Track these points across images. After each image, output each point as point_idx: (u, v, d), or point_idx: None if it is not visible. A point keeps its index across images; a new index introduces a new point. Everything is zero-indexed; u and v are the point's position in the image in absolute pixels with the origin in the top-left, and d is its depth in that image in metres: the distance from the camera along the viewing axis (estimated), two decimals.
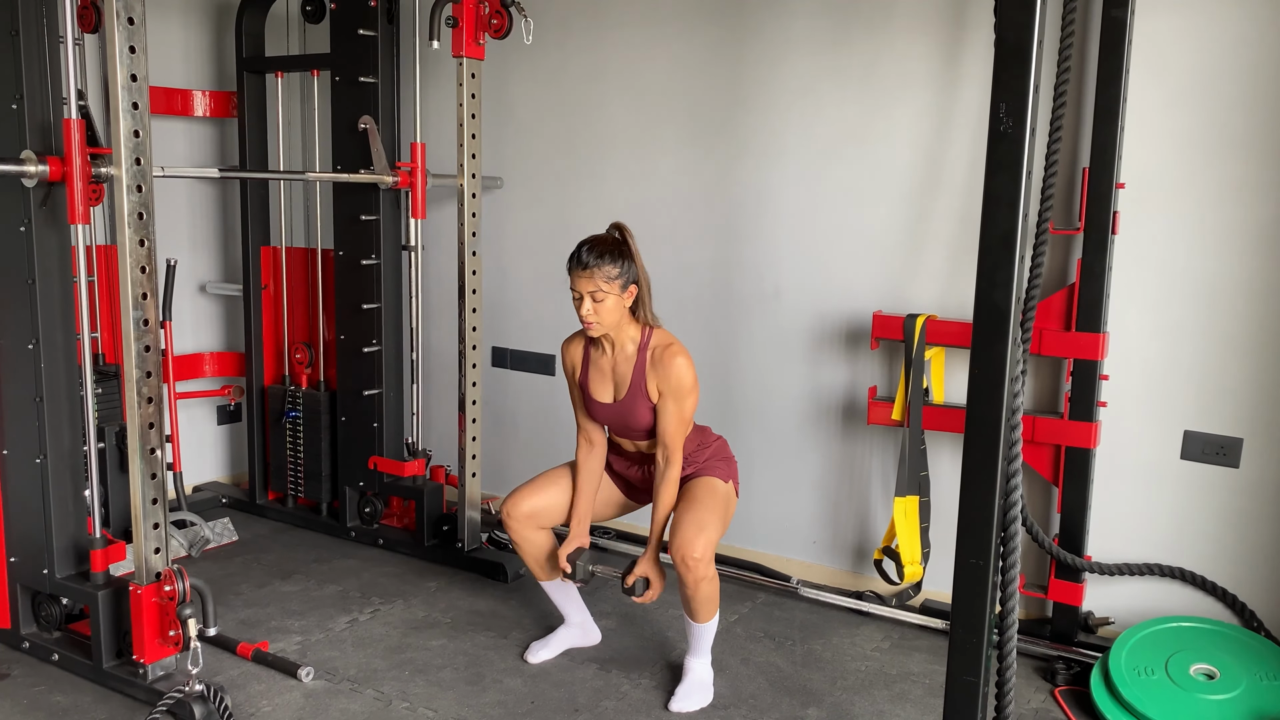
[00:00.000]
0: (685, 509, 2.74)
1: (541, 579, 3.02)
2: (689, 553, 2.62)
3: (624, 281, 2.67)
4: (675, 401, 2.72)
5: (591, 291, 2.64)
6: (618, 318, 2.70)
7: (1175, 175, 2.95)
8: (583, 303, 2.67)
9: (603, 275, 2.63)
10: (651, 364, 2.73)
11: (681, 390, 2.71)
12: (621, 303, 2.69)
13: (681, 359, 2.71)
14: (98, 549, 2.83)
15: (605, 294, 2.65)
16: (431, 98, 4.06)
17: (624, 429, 2.84)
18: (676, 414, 2.73)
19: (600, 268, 2.63)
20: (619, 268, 2.65)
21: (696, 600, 2.71)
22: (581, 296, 2.66)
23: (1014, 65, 1.85)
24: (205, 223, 4.48)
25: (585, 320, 2.69)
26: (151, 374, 2.63)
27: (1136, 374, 3.05)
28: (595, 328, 2.70)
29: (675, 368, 2.70)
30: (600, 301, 2.65)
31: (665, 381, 2.71)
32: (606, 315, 2.67)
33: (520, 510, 2.90)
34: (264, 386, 4.27)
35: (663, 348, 2.73)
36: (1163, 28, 2.90)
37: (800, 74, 3.47)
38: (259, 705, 2.76)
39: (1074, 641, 3.09)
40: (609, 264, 2.64)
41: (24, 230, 2.74)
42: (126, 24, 2.47)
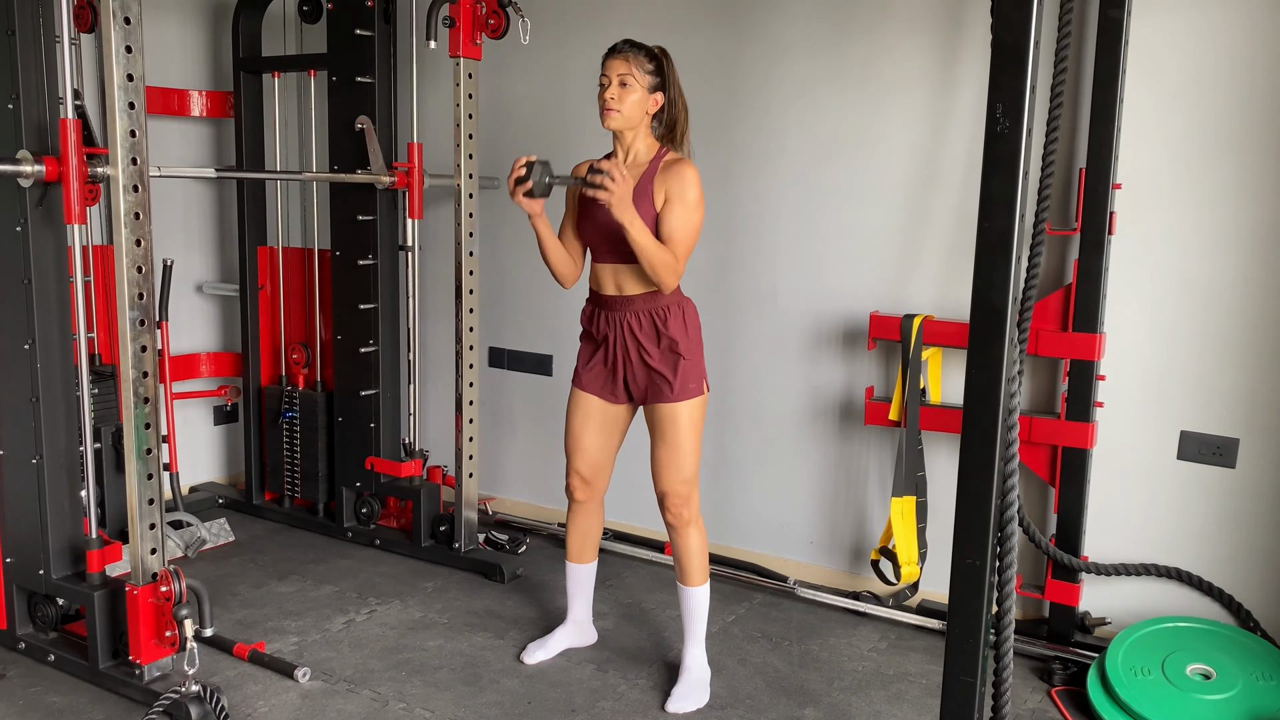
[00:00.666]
0: (660, 446, 2.75)
1: (575, 560, 3.03)
2: (672, 500, 2.71)
3: (654, 83, 2.66)
4: (682, 205, 2.61)
5: (622, 74, 2.62)
6: (638, 117, 2.66)
7: (1172, 176, 2.95)
8: (609, 87, 2.63)
9: (637, 64, 2.62)
10: (662, 171, 2.66)
11: (689, 196, 2.61)
12: (645, 103, 2.66)
13: (693, 171, 2.65)
14: (94, 549, 2.82)
15: (634, 84, 2.62)
16: (429, 98, 4.06)
17: (614, 241, 2.66)
18: (683, 216, 2.61)
19: (636, 56, 2.63)
20: (654, 66, 2.65)
21: (688, 553, 2.76)
22: (610, 81, 2.63)
23: (1011, 66, 1.85)
24: (202, 223, 4.47)
25: (607, 105, 2.63)
26: (148, 374, 2.63)
27: (1133, 374, 3.06)
28: (614, 116, 2.64)
29: (687, 174, 2.63)
30: (626, 87, 2.62)
31: (675, 185, 2.62)
32: (629, 106, 2.63)
33: (583, 478, 2.90)
34: (261, 387, 4.27)
35: (677, 160, 2.68)
36: (1159, 28, 2.91)
37: (798, 75, 3.47)
38: (255, 706, 2.76)
39: (1071, 642, 3.09)
40: (646, 59, 2.65)
41: (20, 230, 2.74)
42: (123, 23, 2.47)
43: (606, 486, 2.97)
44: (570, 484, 2.94)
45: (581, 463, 2.90)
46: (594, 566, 3.06)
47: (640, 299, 2.71)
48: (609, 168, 2.47)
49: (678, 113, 2.74)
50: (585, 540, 3.01)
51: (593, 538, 3.02)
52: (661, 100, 2.69)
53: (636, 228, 2.53)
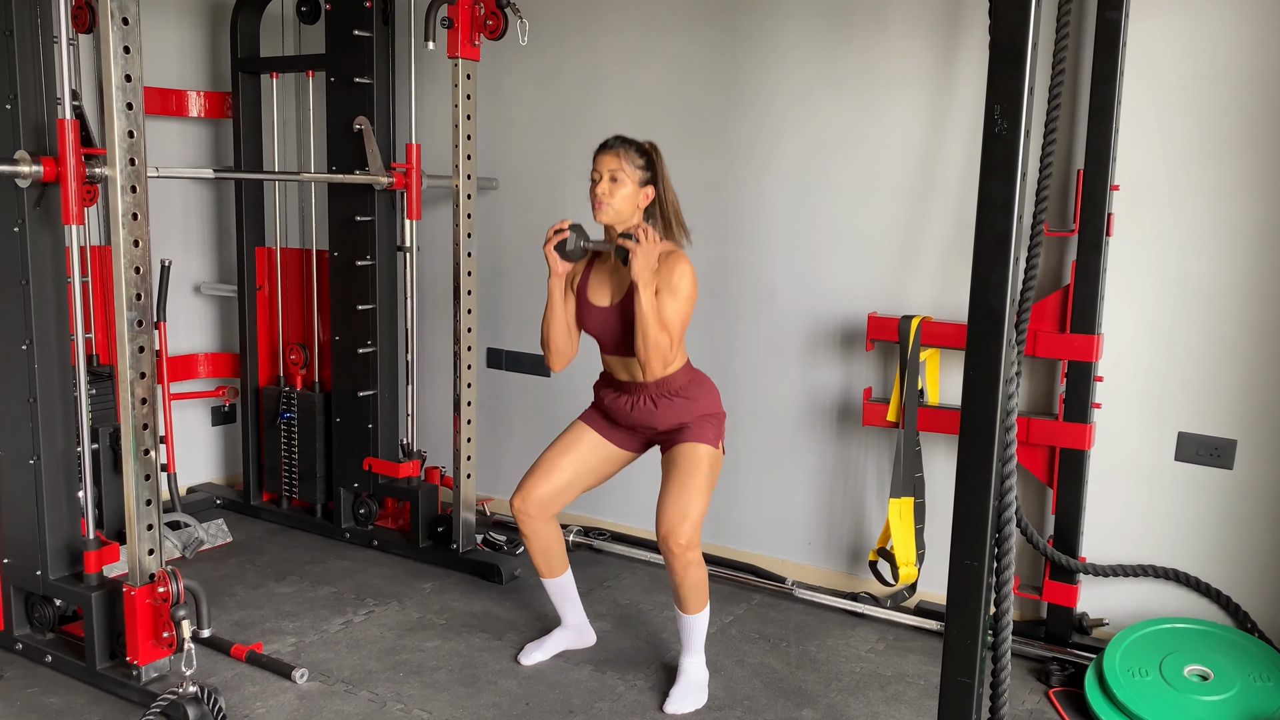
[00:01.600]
0: (670, 487, 2.71)
1: (544, 576, 3.01)
2: (674, 539, 2.62)
3: (644, 178, 2.68)
4: (672, 296, 2.64)
5: (612, 170, 2.65)
6: (630, 211, 2.68)
7: (1170, 177, 2.95)
8: (600, 182, 2.66)
9: (627, 159, 2.65)
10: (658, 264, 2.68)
11: (680, 288, 2.65)
12: (636, 197, 2.68)
13: (686, 264, 2.67)
14: (91, 550, 2.82)
15: (624, 178, 2.65)
16: (427, 99, 4.06)
17: (616, 337, 2.75)
18: (674, 306, 2.65)
19: (626, 152, 2.66)
20: (644, 160, 2.68)
21: (685, 587, 2.71)
22: (600, 176, 2.66)
23: (1009, 67, 1.85)
24: (200, 223, 4.47)
25: (598, 200, 2.66)
26: (146, 375, 2.63)
27: (1131, 375, 3.06)
28: (605, 210, 2.66)
29: (678, 267, 2.65)
30: (617, 183, 2.65)
31: (666, 278, 2.65)
32: (620, 201, 2.65)
33: (532, 500, 2.86)
34: (259, 387, 4.27)
35: (668, 252, 2.69)
36: (1157, 30, 2.91)
37: (795, 76, 3.47)
38: (253, 707, 2.76)
39: (1068, 643, 3.09)
40: (636, 154, 2.67)
41: (18, 231, 2.74)
42: (121, 24, 2.47)
43: (561, 509, 2.93)
44: (516, 503, 2.87)
45: (544, 486, 2.86)
46: (569, 575, 3.04)
47: (654, 384, 2.75)
48: (642, 229, 2.59)
49: (668, 206, 2.76)
50: (549, 555, 2.97)
51: (555, 551, 2.97)
52: (652, 194, 2.72)
53: (649, 293, 2.58)
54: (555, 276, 2.74)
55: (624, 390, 2.84)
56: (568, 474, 2.88)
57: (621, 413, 2.86)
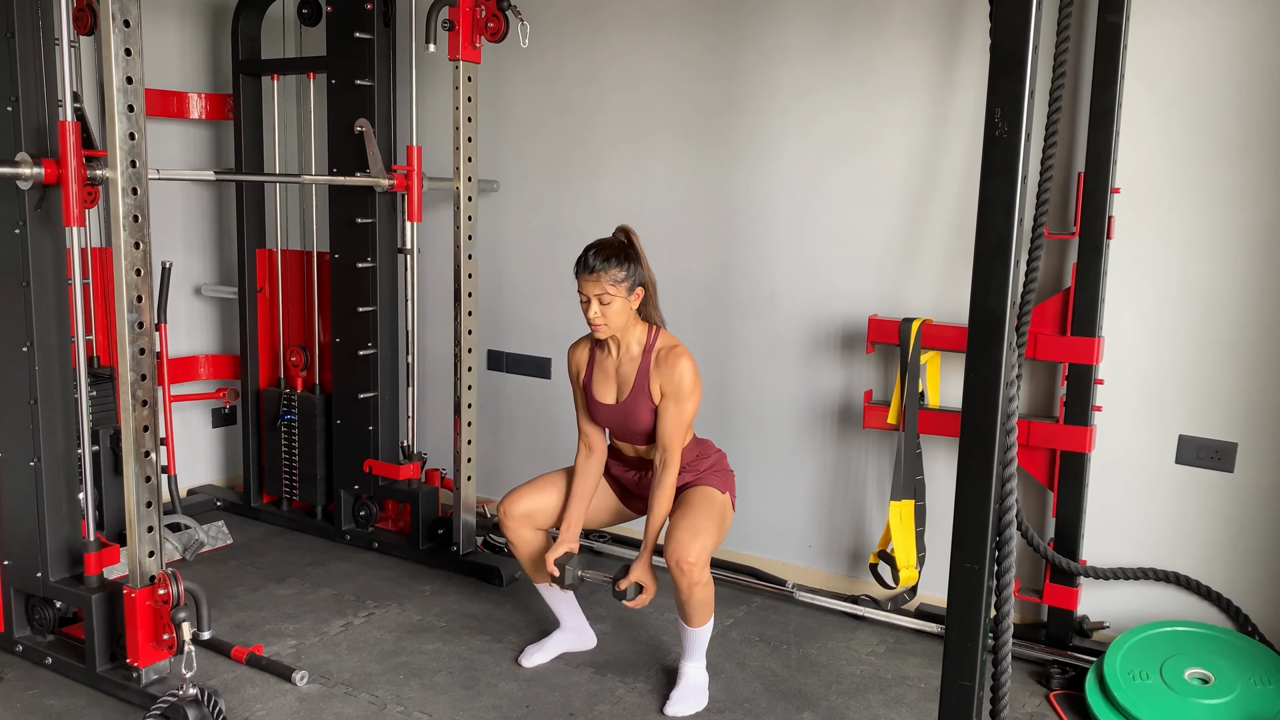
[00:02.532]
0: (682, 515, 2.73)
1: (536, 581, 3.02)
2: (684, 557, 2.62)
3: (631, 284, 2.69)
4: (676, 403, 2.73)
5: (599, 295, 2.66)
6: (625, 320, 2.72)
7: (1170, 180, 2.95)
8: (590, 306, 2.68)
9: (609, 279, 2.65)
10: (656, 365, 2.75)
11: (682, 392, 2.72)
12: (628, 305, 2.71)
13: (686, 361, 2.73)
14: (92, 552, 2.82)
15: (612, 297, 2.67)
16: (427, 101, 4.06)
17: (625, 431, 2.85)
18: (676, 416, 2.74)
19: (607, 271, 2.65)
20: (625, 270, 2.67)
21: (691, 605, 2.72)
22: (589, 300, 2.68)
23: (1009, 70, 1.85)
24: (201, 225, 4.47)
25: (593, 324, 2.70)
26: (146, 377, 2.63)
27: (1131, 378, 3.06)
28: (603, 329, 2.71)
29: (679, 369, 2.72)
30: (607, 305, 2.67)
31: (668, 382, 2.73)
32: (614, 318, 2.69)
33: (517, 510, 2.90)
34: (259, 389, 4.27)
35: (667, 349, 2.75)
36: (1157, 33, 2.91)
37: (796, 78, 3.48)
38: (253, 709, 2.76)
39: (1069, 646, 3.09)
40: (615, 267, 2.66)
41: (19, 233, 2.74)
42: (122, 26, 2.47)
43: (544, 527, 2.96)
44: (503, 507, 2.89)
45: (533, 501, 2.90)
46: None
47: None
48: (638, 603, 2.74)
49: (652, 290, 2.80)
50: (537, 563, 2.97)
51: (541, 558, 2.97)
52: (642, 294, 2.75)
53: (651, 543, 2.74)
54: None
55: (631, 465, 2.94)
56: (562, 499, 2.93)
57: (630, 484, 2.96)
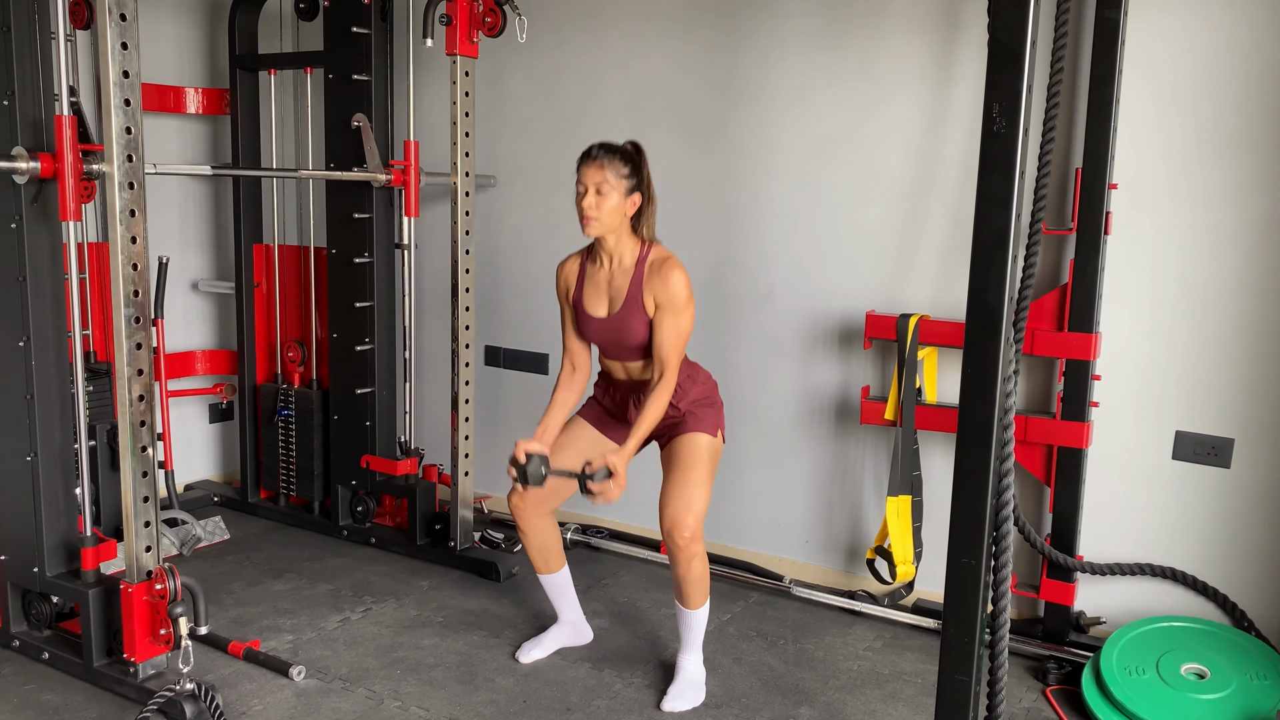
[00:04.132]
0: (673, 479, 2.72)
1: (541, 572, 3.01)
2: (679, 533, 2.63)
3: (630, 185, 2.67)
4: (672, 314, 2.67)
5: (598, 183, 2.63)
6: (617, 221, 2.68)
7: (1168, 176, 2.96)
8: (586, 195, 2.65)
9: (612, 170, 2.63)
10: (649, 276, 2.70)
11: (678, 302, 2.67)
12: (623, 206, 2.67)
13: (680, 272, 2.68)
14: (88, 547, 2.82)
15: (610, 190, 2.64)
16: (425, 96, 4.06)
17: (617, 346, 2.78)
18: (674, 327, 2.68)
19: (610, 162, 2.64)
20: (628, 169, 2.66)
21: (688, 581, 2.72)
22: (586, 189, 2.65)
23: (1007, 65, 1.85)
24: (197, 220, 4.47)
25: (585, 214, 2.65)
26: (143, 372, 2.63)
27: (1129, 374, 3.06)
28: (594, 224, 2.66)
29: (673, 279, 2.67)
30: (603, 196, 2.64)
31: (663, 293, 2.67)
32: (607, 214, 2.65)
33: (530, 497, 2.86)
34: (256, 385, 4.26)
35: (661, 260, 2.70)
36: (1156, 29, 2.91)
37: (794, 73, 3.47)
38: (250, 704, 2.76)
39: (1065, 641, 3.10)
40: (620, 162, 2.65)
41: (15, 227, 2.73)
42: (119, 20, 2.47)
43: (557, 506, 2.95)
44: (514, 500, 2.88)
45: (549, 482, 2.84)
46: (565, 572, 3.04)
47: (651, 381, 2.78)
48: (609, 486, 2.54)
49: (652, 207, 2.77)
50: (546, 552, 2.98)
51: (552, 548, 2.98)
52: (639, 201, 2.71)
53: (636, 441, 2.63)
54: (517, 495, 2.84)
55: (622, 389, 2.87)
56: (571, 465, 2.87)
57: (620, 409, 2.89)
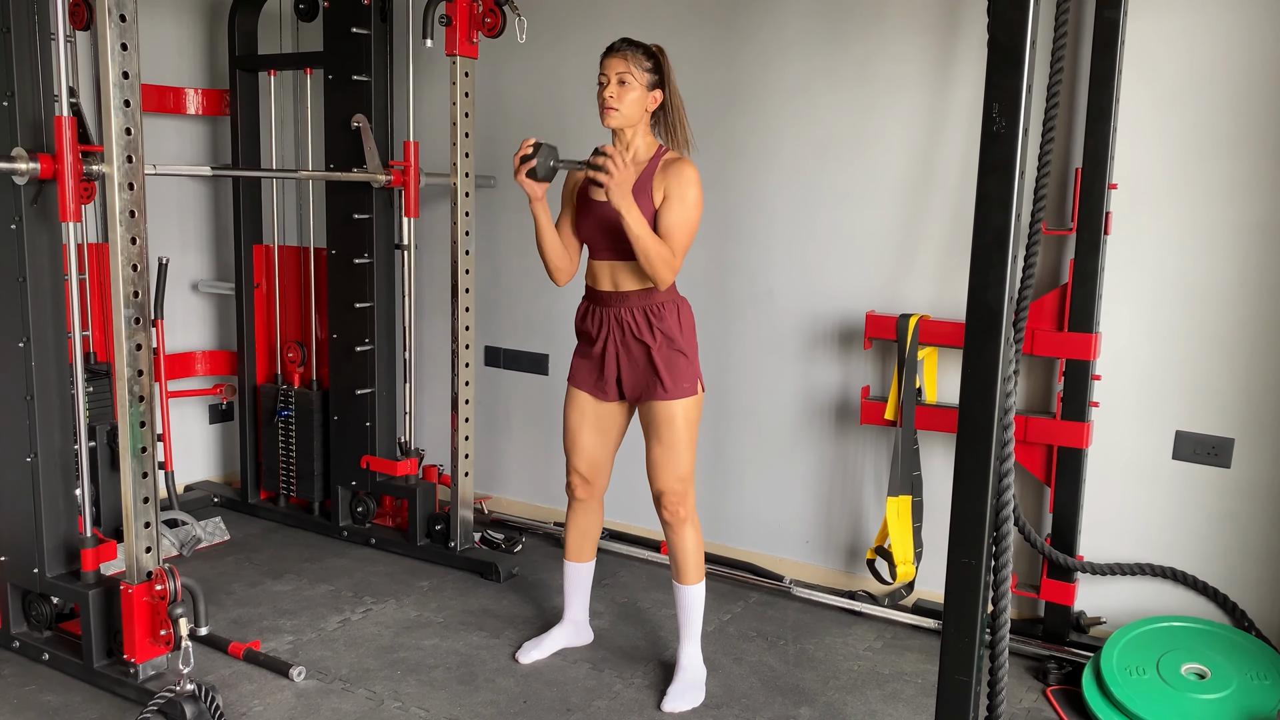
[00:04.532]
0: (654, 447, 2.76)
1: (573, 559, 3.03)
2: (668, 497, 2.72)
3: (652, 81, 2.67)
4: (680, 201, 2.62)
5: (620, 73, 2.63)
6: (638, 115, 2.67)
7: (1168, 176, 2.96)
8: (608, 85, 2.65)
9: (636, 62, 2.64)
10: (663, 169, 2.67)
11: (687, 195, 2.63)
12: (644, 100, 2.67)
13: (691, 171, 2.66)
14: (89, 548, 2.82)
15: (633, 82, 2.64)
16: (425, 96, 4.05)
17: (612, 238, 2.69)
18: (680, 213, 2.62)
19: (635, 54, 2.65)
20: (652, 64, 2.67)
21: (684, 550, 2.77)
22: (609, 80, 2.65)
23: (1007, 66, 1.85)
24: (197, 221, 4.47)
25: (607, 104, 2.64)
26: (143, 372, 2.63)
27: (1128, 374, 3.06)
28: (614, 115, 2.65)
29: (686, 173, 2.64)
30: (625, 85, 2.64)
31: (675, 184, 2.63)
32: (628, 105, 2.64)
33: (584, 480, 2.91)
34: (256, 385, 4.26)
35: (676, 159, 2.69)
36: (1155, 29, 2.91)
37: (794, 74, 3.47)
38: (250, 705, 2.76)
39: (1066, 641, 3.10)
40: (645, 57, 2.66)
41: (15, 228, 2.73)
42: (118, 21, 2.46)
43: (606, 485, 2.98)
44: (571, 482, 2.94)
45: (580, 460, 2.90)
46: (592, 566, 3.07)
47: (635, 295, 2.72)
48: (610, 151, 2.51)
49: (674, 112, 2.75)
50: (585, 539, 3.01)
51: (592, 536, 3.02)
52: (660, 98, 2.71)
53: (633, 216, 2.55)
54: (536, 202, 2.70)
55: (604, 303, 2.77)
56: (593, 445, 2.89)
57: (600, 331, 2.78)
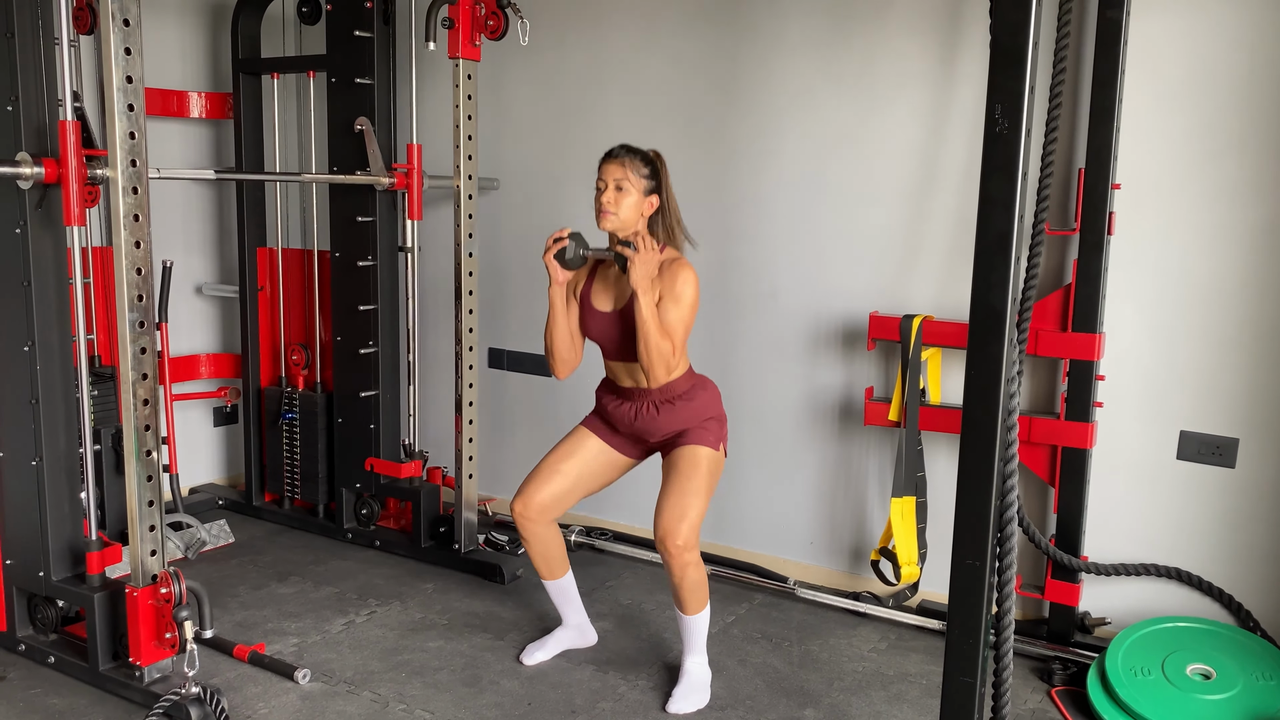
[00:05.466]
0: (669, 487, 2.72)
1: (545, 578, 3.01)
2: (671, 540, 2.63)
3: (649, 186, 2.70)
4: (675, 303, 2.67)
5: (618, 179, 2.66)
6: (634, 219, 2.70)
7: (1171, 176, 2.95)
8: (605, 191, 2.68)
9: (633, 168, 2.67)
10: (660, 272, 2.70)
11: (683, 296, 2.67)
12: (641, 206, 2.69)
13: (689, 272, 2.69)
14: (94, 551, 2.82)
15: (629, 187, 2.66)
16: (428, 99, 4.06)
17: (619, 343, 2.76)
18: (675, 313, 2.67)
19: (632, 161, 2.67)
20: (649, 170, 2.69)
21: (684, 589, 2.72)
22: (606, 185, 2.68)
23: (1009, 66, 1.85)
24: (201, 224, 4.48)
25: (603, 208, 2.67)
26: (148, 376, 2.63)
27: (1132, 374, 3.06)
28: (610, 218, 2.68)
29: (681, 275, 2.68)
30: (622, 191, 2.66)
31: (670, 288, 2.67)
32: (625, 210, 2.67)
33: (533, 505, 2.86)
34: (260, 388, 4.27)
35: (672, 259, 2.72)
36: (1158, 29, 2.91)
37: (797, 75, 3.47)
38: (255, 708, 2.76)
39: (1070, 642, 3.09)
40: (642, 164, 2.69)
41: (19, 232, 2.74)
42: (122, 25, 2.47)
43: (560, 515, 2.93)
44: (517, 507, 2.87)
45: (545, 491, 2.86)
46: (569, 577, 3.04)
47: (657, 390, 2.77)
48: (643, 232, 2.67)
49: (671, 214, 2.79)
50: (548, 559, 2.97)
51: (555, 554, 2.97)
52: (657, 203, 2.74)
53: (648, 300, 2.61)
54: (556, 285, 2.75)
55: (626, 397, 2.85)
56: (570, 479, 2.89)
57: (624, 420, 2.86)
